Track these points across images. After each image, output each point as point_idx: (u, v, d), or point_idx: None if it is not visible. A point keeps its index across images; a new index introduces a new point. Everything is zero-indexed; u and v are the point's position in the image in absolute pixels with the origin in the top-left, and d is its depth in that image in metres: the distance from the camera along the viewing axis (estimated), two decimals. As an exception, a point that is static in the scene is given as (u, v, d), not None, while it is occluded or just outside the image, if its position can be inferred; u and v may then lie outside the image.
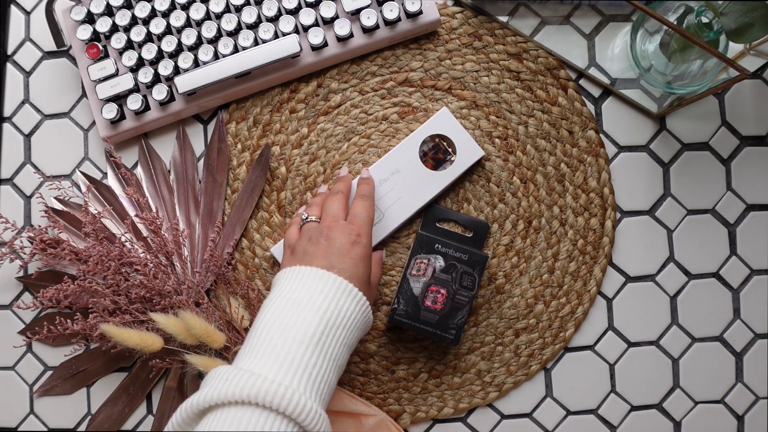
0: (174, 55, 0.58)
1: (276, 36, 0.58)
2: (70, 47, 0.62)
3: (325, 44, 0.58)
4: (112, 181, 0.61)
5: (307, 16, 0.57)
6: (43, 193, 0.61)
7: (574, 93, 0.60)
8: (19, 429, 0.61)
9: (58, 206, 0.60)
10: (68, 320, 0.57)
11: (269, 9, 0.57)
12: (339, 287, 0.46)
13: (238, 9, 0.58)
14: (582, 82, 0.61)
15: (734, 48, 0.53)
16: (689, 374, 0.61)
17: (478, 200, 0.60)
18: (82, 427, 0.61)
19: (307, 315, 0.44)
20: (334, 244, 0.49)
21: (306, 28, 0.58)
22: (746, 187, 0.61)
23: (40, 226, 0.59)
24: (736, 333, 0.61)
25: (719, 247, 0.61)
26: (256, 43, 0.58)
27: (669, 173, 0.61)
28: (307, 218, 0.53)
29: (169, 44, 0.58)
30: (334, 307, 0.45)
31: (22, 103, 0.62)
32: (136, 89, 0.59)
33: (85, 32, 0.58)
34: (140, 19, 0.58)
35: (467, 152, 0.58)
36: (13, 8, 0.62)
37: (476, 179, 0.60)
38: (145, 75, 0.58)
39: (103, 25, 0.58)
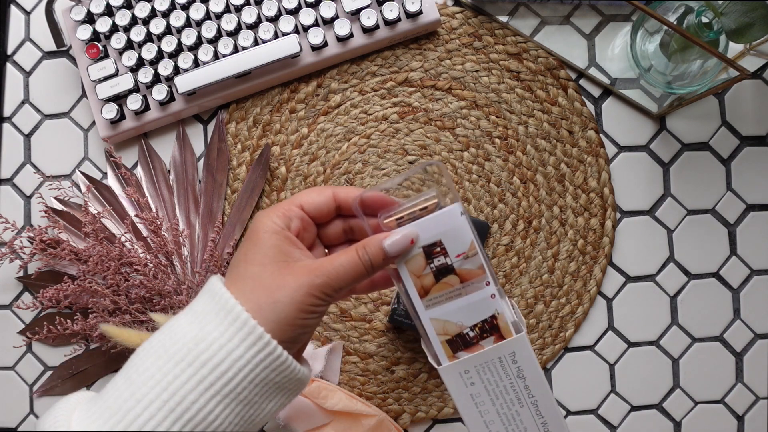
0: (174, 55, 0.58)
1: (276, 36, 0.58)
2: (70, 47, 0.62)
3: (325, 44, 0.58)
4: (112, 181, 0.61)
5: (307, 16, 0.57)
6: (43, 193, 0.61)
7: (574, 93, 0.60)
8: (19, 429, 0.61)
9: (58, 206, 0.60)
10: (68, 320, 0.57)
11: (269, 9, 0.57)
12: None
13: (238, 9, 0.58)
14: (582, 82, 0.61)
15: (734, 48, 0.53)
16: (689, 374, 0.61)
17: (478, 200, 0.60)
18: (82, 427, 0.61)
19: None
20: None
21: (306, 28, 0.58)
22: (746, 187, 0.61)
23: (40, 226, 0.59)
24: (736, 333, 0.61)
25: (719, 247, 0.61)
26: (256, 43, 0.58)
27: (669, 173, 0.61)
28: None
29: (169, 44, 0.58)
30: None
31: (22, 103, 0.62)
32: (136, 89, 0.59)
33: (85, 32, 0.58)
34: (140, 19, 0.58)
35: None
36: (13, 8, 0.62)
37: (476, 179, 0.60)
38: (145, 75, 0.58)
39: (103, 25, 0.58)
